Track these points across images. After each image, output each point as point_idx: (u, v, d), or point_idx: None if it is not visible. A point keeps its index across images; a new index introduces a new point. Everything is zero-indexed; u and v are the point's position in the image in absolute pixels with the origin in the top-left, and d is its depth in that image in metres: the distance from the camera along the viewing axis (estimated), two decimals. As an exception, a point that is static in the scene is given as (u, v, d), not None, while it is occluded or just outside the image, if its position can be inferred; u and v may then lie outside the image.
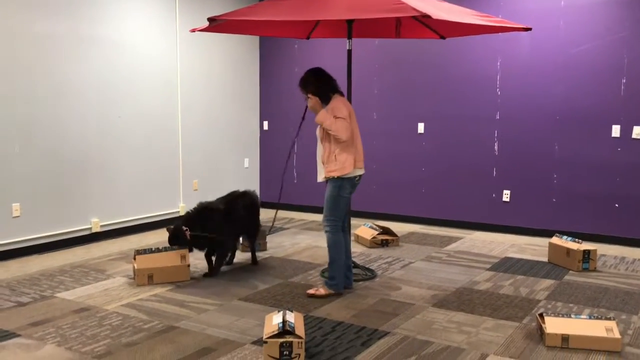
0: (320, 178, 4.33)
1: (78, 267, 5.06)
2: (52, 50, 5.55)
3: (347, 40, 4.69)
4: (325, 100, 4.25)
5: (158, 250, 4.69)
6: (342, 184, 4.21)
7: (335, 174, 4.17)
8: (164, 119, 6.76)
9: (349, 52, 4.69)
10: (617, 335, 3.34)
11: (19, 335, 3.54)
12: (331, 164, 4.19)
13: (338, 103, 4.22)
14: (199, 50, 7.17)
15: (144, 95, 6.49)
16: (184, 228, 4.61)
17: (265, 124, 8.15)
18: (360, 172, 4.32)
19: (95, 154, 6.01)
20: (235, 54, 7.73)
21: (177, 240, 4.67)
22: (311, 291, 4.30)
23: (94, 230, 6.03)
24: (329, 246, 4.27)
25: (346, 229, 4.48)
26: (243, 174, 7.96)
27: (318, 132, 4.32)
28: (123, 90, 6.25)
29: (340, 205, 4.25)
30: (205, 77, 7.30)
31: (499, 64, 6.49)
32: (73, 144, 5.79)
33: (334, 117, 4.13)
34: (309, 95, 4.23)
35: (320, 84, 4.26)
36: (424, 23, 4.91)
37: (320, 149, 4.32)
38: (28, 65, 5.37)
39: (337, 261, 4.28)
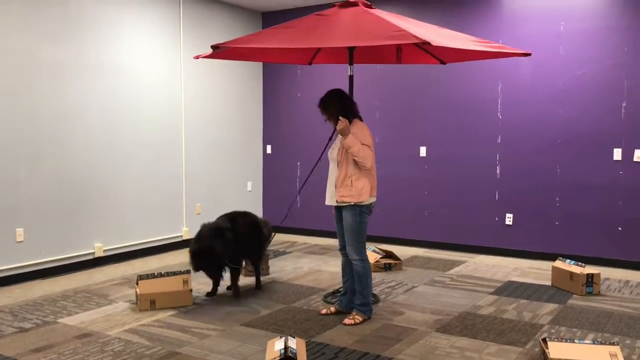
0: (332, 201, 4.31)
1: (81, 292, 5.06)
2: (56, 76, 5.63)
3: (349, 66, 4.75)
4: None
5: (161, 275, 4.69)
6: (361, 210, 4.21)
7: (350, 200, 4.15)
8: (168, 143, 6.82)
9: (351, 77, 4.74)
10: (621, 360, 3.32)
11: (21, 362, 3.53)
12: (346, 189, 4.15)
13: (363, 129, 4.22)
14: (202, 76, 7.25)
15: (147, 120, 6.55)
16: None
17: (269, 148, 8.20)
18: (374, 199, 4.31)
19: (99, 178, 6.05)
20: (238, 79, 7.81)
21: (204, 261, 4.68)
22: (348, 321, 4.23)
23: (97, 255, 6.04)
24: (361, 275, 4.24)
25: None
26: (246, 198, 7.99)
27: (334, 154, 4.28)
28: (127, 115, 6.31)
29: (362, 231, 4.28)
30: (208, 102, 7.37)
31: (499, 88, 6.54)
32: (77, 168, 5.83)
33: (361, 143, 4.13)
34: (341, 118, 4.14)
35: (344, 106, 4.25)
36: (425, 49, 4.97)
37: (333, 172, 4.29)
38: (32, 90, 5.44)
39: (369, 286, 4.30)
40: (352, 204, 4.16)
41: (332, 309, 4.45)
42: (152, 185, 6.64)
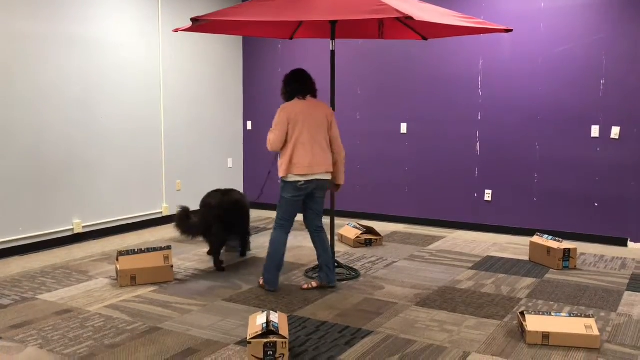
0: None
1: (60, 269, 5.02)
2: (33, 50, 5.50)
3: (331, 41, 4.71)
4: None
5: (141, 251, 4.66)
6: (285, 186, 4.31)
7: (279, 174, 4.33)
8: (147, 119, 6.73)
9: (333, 52, 4.71)
10: (596, 332, 3.40)
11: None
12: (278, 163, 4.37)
13: (280, 110, 4.30)
14: (181, 50, 7.14)
15: (126, 96, 6.45)
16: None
17: (249, 124, 8.15)
18: (303, 178, 4.24)
19: (77, 154, 5.96)
20: (218, 54, 7.71)
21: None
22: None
23: (76, 232, 5.98)
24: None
25: (319, 229, 4.47)
26: (226, 174, 7.95)
27: None
28: (105, 90, 6.21)
29: (282, 206, 4.36)
30: (188, 77, 7.27)
31: (480, 65, 6.56)
32: (54, 144, 5.74)
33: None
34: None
35: (287, 88, 4.37)
36: (407, 24, 4.95)
37: None
38: (7, 65, 5.31)
39: (270, 257, 4.38)
40: (280, 178, 4.33)
41: (314, 283, 4.49)
42: (131, 161, 6.57)
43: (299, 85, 4.33)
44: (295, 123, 4.23)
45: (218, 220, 4.93)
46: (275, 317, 3.25)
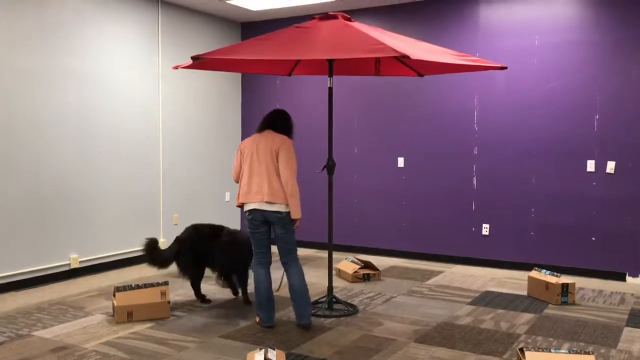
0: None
1: (56, 304, 4.98)
2: (32, 85, 5.56)
3: (328, 78, 4.78)
4: None
5: (138, 286, 4.64)
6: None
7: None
8: (145, 153, 6.77)
9: (330, 89, 4.77)
10: (596, 369, 3.37)
11: (-6, 376, 3.47)
12: None
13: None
14: (180, 85, 7.23)
15: (124, 130, 6.50)
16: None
17: (247, 158, 8.17)
18: (245, 207, 4.40)
19: (74, 188, 5.98)
20: (217, 89, 7.80)
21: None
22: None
23: (72, 266, 5.95)
24: None
25: (285, 264, 4.42)
26: (224, 208, 7.95)
27: None
28: (104, 125, 6.26)
29: (253, 239, 4.43)
30: (187, 112, 7.34)
31: (475, 100, 6.64)
32: (51, 178, 5.76)
33: None
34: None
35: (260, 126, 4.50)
36: (403, 62, 5.03)
37: None
38: (7, 99, 5.37)
39: (255, 294, 4.44)
40: None
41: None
42: (129, 196, 6.58)
43: (262, 121, 4.48)
44: (244, 155, 4.40)
45: (184, 250, 4.97)
46: (273, 354, 3.23)
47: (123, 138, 6.48)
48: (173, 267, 5.12)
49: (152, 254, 5.00)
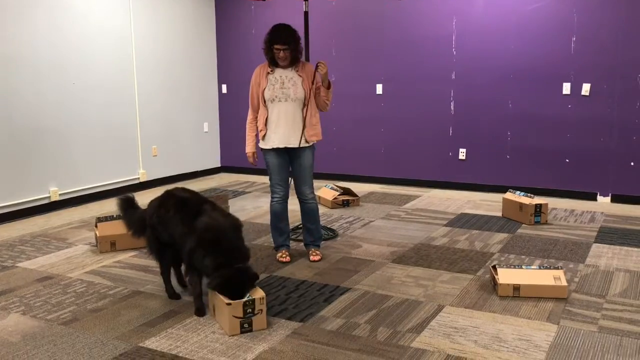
0: (293, 142, 4.08)
1: (39, 237, 5.02)
2: (1, 18, 5.38)
3: (304, 2, 4.68)
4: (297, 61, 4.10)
5: (120, 217, 4.66)
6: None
7: (316, 139, 4.18)
8: (120, 84, 6.65)
9: (306, 14, 4.68)
10: (564, 283, 3.54)
11: (-18, 306, 3.53)
12: (313, 128, 4.14)
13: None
14: (153, 14, 7.02)
15: (98, 61, 6.35)
16: None
17: (224, 87, 8.09)
18: None
19: (51, 121, 5.90)
20: (190, 17, 7.60)
21: None
22: (316, 257, 4.29)
23: (52, 199, 5.96)
24: (316, 211, 4.35)
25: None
26: (203, 138, 7.93)
27: (298, 93, 4.04)
28: (76, 56, 6.10)
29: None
30: (160, 42, 7.17)
31: (454, 23, 6.57)
32: (27, 112, 5.66)
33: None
34: (322, 63, 4.02)
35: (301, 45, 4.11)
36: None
37: (289, 111, 4.07)
38: (-26, 31, 5.20)
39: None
40: (314, 142, 4.20)
41: (288, 257, 4.35)
42: (106, 127, 6.51)
43: None
44: None
45: (149, 226, 3.57)
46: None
47: (97, 69, 6.34)
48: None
49: (125, 216, 3.78)
